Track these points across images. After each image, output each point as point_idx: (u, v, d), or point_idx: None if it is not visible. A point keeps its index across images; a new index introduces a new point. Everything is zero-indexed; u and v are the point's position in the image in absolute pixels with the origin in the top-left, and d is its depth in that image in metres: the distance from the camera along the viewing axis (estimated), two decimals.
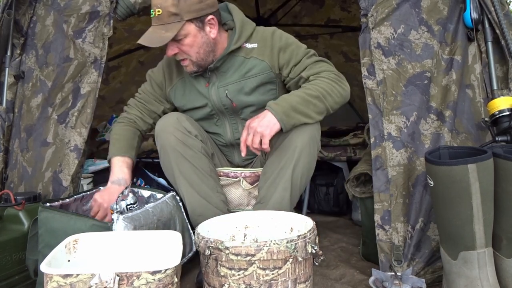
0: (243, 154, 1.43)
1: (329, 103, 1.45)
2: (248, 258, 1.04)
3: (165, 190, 1.71)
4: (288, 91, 1.55)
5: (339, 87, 1.48)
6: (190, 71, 1.56)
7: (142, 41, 1.45)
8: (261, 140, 1.38)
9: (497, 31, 1.55)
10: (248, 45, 1.57)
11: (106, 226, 1.28)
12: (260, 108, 1.52)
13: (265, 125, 1.38)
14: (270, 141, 1.46)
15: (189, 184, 1.50)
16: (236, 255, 1.04)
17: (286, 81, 1.58)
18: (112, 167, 1.58)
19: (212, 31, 1.51)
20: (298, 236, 1.08)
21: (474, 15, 1.55)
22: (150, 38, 1.45)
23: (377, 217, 1.50)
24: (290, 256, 1.06)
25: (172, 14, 1.42)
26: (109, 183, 1.56)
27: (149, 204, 1.44)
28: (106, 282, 0.92)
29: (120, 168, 1.57)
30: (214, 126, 1.66)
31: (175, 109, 1.73)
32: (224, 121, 1.64)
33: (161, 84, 1.69)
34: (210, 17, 1.49)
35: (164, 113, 1.69)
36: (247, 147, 1.42)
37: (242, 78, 1.56)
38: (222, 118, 1.64)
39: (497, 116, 1.44)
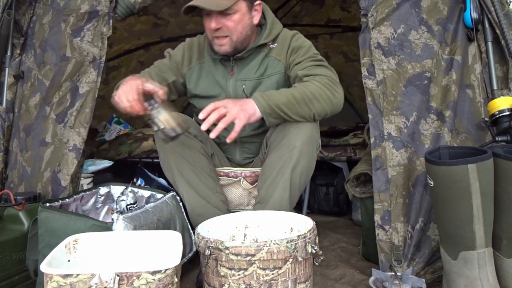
0: (202, 116, 1.30)
1: (316, 108, 1.41)
2: (248, 258, 1.04)
3: (165, 190, 1.71)
4: None
5: (330, 93, 1.42)
6: (224, 51, 1.53)
7: (196, 1, 1.42)
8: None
9: (497, 31, 1.55)
10: (271, 45, 1.59)
11: (106, 226, 1.28)
12: None
13: (245, 110, 1.32)
14: (268, 138, 1.45)
15: (189, 184, 1.50)
16: (236, 255, 1.04)
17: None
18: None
19: (255, 17, 1.54)
20: (298, 236, 1.08)
21: (474, 15, 1.55)
22: (207, 0, 1.43)
23: (377, 217, 1.50)
24: (290, 256, 1.06)
25: None
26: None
27: (149, 204, 1.44)
28: (106, 282, 0.92)
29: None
30: None
31: (185, 93, 1.70)
32: None
33: (179, 62, 1.66)
34: (258, 2, 1.53)
35: (174, 86, 1.64)
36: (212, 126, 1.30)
37: (261, 76, 1.58)
38: None
39: (497, 116, 1.44)
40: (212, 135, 1.29)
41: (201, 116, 1.31)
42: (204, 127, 1.29)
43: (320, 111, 1.42)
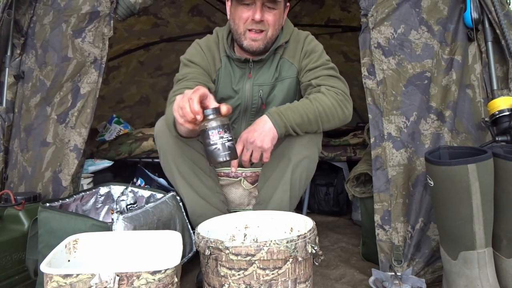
0: (234, 169, 1.40)
1: (324, 126, 1.44)
2: (248, 258, 1.04)
3: (165, 190, 1.71)
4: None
5: (341, 110, 1.44)
6: (257, 47, 1.50)
7: None
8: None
9: (497, 31, 1.55)
10: (285, 45, 1.59)
11: (106, 226, 1.28)
12: None
13: (266, 139, 1.36)
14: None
15: (188, 185, 1.50)
16: (236, 255, 1.04)
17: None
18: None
19: (284, 17, 1.55)
20: (298, 236, 1.08)
21: (474, 15, 1.55)
22: None
23: (377, 217, 1.50)
24: (290, 256, 1.06)
25: None
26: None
27: (149, 204, 1.44)
28: (106, 282, 0.92)
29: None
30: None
31: None
32: (243, 117, 1.62)
33: (208, 68, 1.56)
34: (288, 3, 1.55)
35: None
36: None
37: (276, 80, 1.57)
38: (242, 114, 1.62)
39: (497, 116, 1.44)
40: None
41: (233, 170, 1.42)
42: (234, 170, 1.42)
43: (327, 127, 1.45)
